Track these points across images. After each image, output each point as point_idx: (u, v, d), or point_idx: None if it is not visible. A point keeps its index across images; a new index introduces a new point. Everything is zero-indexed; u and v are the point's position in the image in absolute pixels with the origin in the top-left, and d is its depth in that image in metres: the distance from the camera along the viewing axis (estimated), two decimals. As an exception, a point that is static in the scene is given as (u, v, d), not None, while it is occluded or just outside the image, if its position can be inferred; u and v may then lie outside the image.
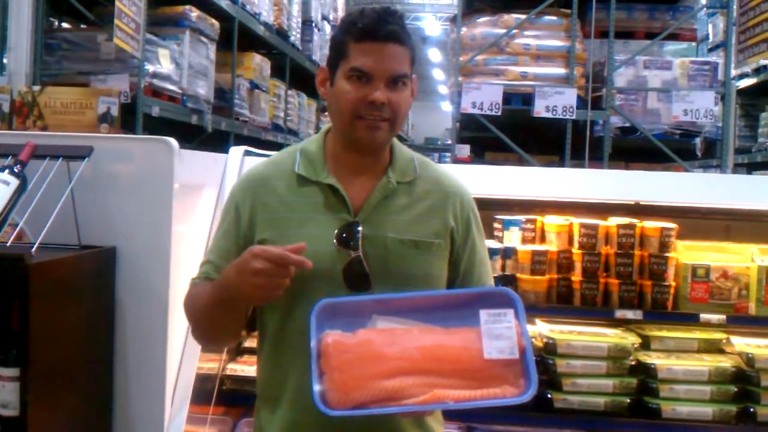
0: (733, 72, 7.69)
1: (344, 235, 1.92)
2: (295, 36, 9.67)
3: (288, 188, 1.99)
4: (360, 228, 1.93)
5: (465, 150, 7.60)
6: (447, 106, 24.93)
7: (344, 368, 1.76)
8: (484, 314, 1.80)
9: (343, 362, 1.76)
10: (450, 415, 3.10)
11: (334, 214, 1.95)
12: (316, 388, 1.74)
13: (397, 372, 1.76)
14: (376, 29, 1.90)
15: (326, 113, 11.85)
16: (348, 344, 1.79)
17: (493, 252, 3.36)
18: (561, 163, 6.98)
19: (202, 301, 1.94)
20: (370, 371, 1.76)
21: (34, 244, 2.38)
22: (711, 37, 9.35)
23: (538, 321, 3.38)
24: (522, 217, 3.50)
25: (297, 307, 1.90)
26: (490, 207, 3.52)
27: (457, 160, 7.36)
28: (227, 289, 1.82)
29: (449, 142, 10.51)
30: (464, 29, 7.28)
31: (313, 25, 10.42)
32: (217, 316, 1.93)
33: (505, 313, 1.79)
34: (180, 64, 6.40)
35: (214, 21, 7.03)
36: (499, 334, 1.77)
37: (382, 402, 1.74)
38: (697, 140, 7.35)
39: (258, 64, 8.48)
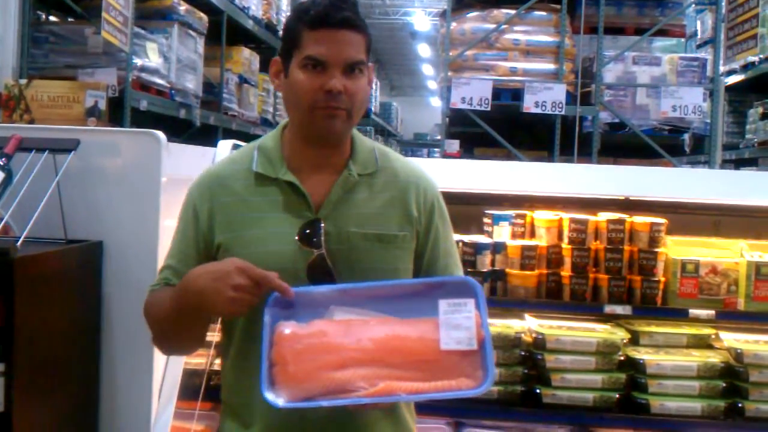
0: (722, 68, 7.72)
1: (306, 232, 1.88)
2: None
3: (246, 187, 1.94)
4: (322, 225, 1.88)
5: (454, 145, 7.59)
6: (436, 102, 24.95)
7: (296, 359, 1.72)
8: (443, 304, 1.76)
9: (295, 353, 1.73)
10: (438, 410, 3.10)
11: (295, 212, 1.90)
12: (266, 379, 1.71)
13: (350, 363, 1.72)
14: (330, 16, 1.84)
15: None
16: (301, 335, 1.75)
17: (482, 247, 3.36)
18: (550, 159, 6.98)
19: (166, 307, 1.87)
20: (322, 362, 1.72)
21: (20, 237, 2.35)
22: (700, 33, 9.36)
23: (527, 316, 3.38)
24: (512, 212, 3.49)
25: (263, 311, 1.82)
26: (479, 202, 3.52)
27: (446, 156, 7.35)
28: (196, 295, 1.75)
29: (438, 137, 10.50)
30: (454, 24, 7.27)
31: (302, 19, 10.38)
32: (183, 322, 1.85)
33: (465, 303, 1.75)
34: (168, 57, 6.37)
35: (202, 15, 7.00)
36: (458, 324, 1.74)
37: (334, 394, 1.70)
38: (686, 136, 7.37)
39: (247, 58, 8.45)
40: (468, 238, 3.40)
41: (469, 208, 3.53)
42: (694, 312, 3.23)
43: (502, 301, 3.35)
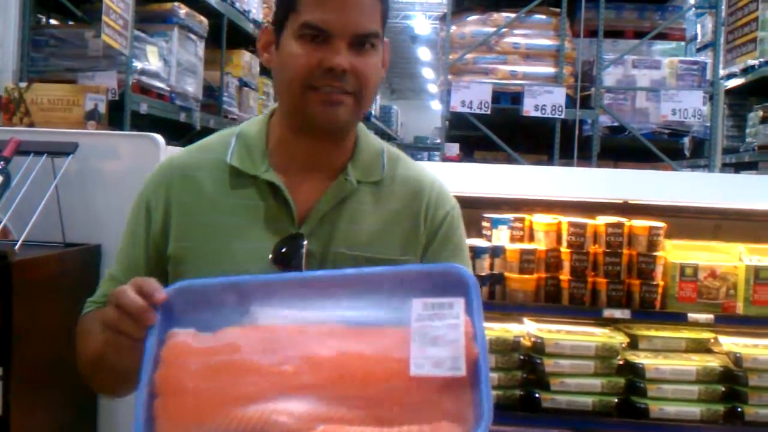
0: (722, 72, 7.70)
1: (283, 251, 1.47)
2: (284, 34, 9.64)
3: (216, 184, 1.52)
4: (305, 243, 1.48)
5: (454, 149, 7.60)
6: (436, 105, 24.95)
7: (189, 386, 1.21)
8: (417, 305, 1.24)
9: (189, 377, 1.22)
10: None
11: (273, 223, 1.49)
12: (141, 417, 1.20)
13: (271, 394, 1.20)
14: None
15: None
16: (200, 349, 1.25)
17: (481, 251, 3.36)
18: (550, 162, 6.98)
19: (94, 339, 1.45)
20: (229, 392, 1.20)
21: (18, 241, 2.35)
22: (699, 36, 9.36)
23: (526, 320, 3.38)
24: (510, 216, 3.49)
25: None
26: (478, 205, 3.52)
27: (446, 159, 7.35)
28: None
29: (438, 140, 10.50)
30: (453, 28, 7.27)
31: (303, 23, 10.40)
32: (112, 361, 1.37)
33: (451, 304, 1.23)
34: (168, 61, 6.36)
35: (202, 18, 7.00)
36: (438, 336, 1.21)
37: None
38: (686, 140, 7.36)
39: (247, 61, 8.45)
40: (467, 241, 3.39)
41: (467, 212, 3.48)
42: (693, 316, 3.22)
43: (501, 305, 3.34)
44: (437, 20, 12.47)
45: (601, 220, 3.42)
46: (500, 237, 3.47)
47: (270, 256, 1.47)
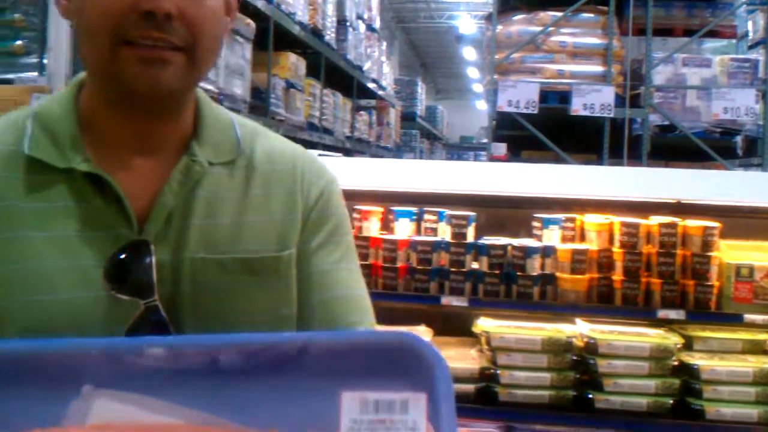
0: (774, 69, 7.58)
1: (122, 266, 1.08)
2: (330, 35, 9.69)
3: (10, 183, 1.10)
4: (152, 250, 1.10)
5: (501, 148, 7.56)
6: (482, 105, 24.88)
7: None
8: (349, 402, 0.78)
9: None
10: (488, 415, 3.09)
11: (101, 229, 1.10)
12: None
13: None
14: None
15: (361, 111, 11.86)
16: None
17: (532, 251, 3.34)
18: (599, 162, 6.93)
19: None
20: None
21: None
22: (751, 33, 9.20)
23: (578, 320, 3.35)
24: (561, 216, 3.46)
25: None
26: (528, 206, 3.50)
27: (493, 159, 7.33)
28: None
29: (485, 140, 10.47)
30: (500, 27, 7.25)
31: (348, 24, 10.43)
32: None
33: (404, 403, 0.78)
34: (217, 64, 6.44)
35: (249, 21, 7.06)
36: None
37: None
38: (738, 138, 7.26)
39: (293, 63, 8.51)
40: (517, 241, 3.38)
41: (517, 212, 3.52)
42: (749, 317, 3.17)
43: (552, 305, 3.32)
44: (482, 20, 12.44)
45: (654, 220, 3.38)
46: (551, 237, 3.45)
47: (102, 275, 1.07)
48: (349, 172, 3.05)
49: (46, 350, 0.93)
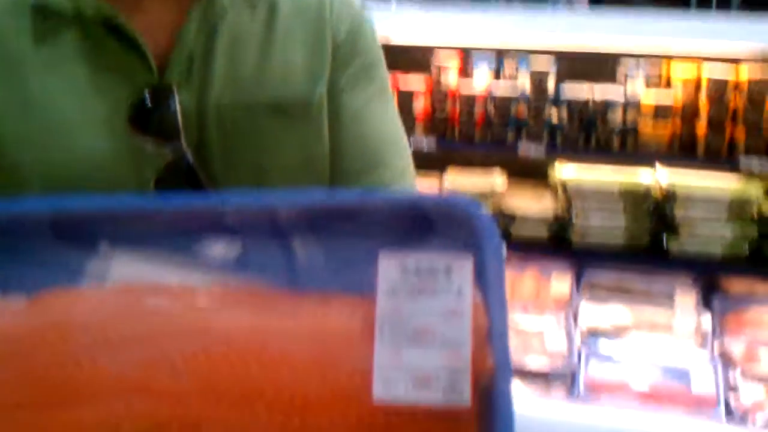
0: None
1: (146, 112, 1.00)
2: None
3: (17, 33, 1.00)
4: (176, 97, 1.00)
5: (583, -2, 7.34)
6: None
7: None
8: (387, 265, 0.71)
9: None
10: (561, 258, 3.16)
11: (119, 75, 1.01)
12: None
13: (113, 397, 0.72)
14: None
15: None
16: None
17: (614, 102, 3.32)
18: (685, 11, 6.70)
19: None
20: (43, 387, 0.73)
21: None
22: None
23: (658, 166, 3.36)
24: (646, 66, 3.42)
25: None
26: (612, 58, 3.46)
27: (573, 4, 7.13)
28: None
29: (564, -9, 10.11)
30: None
31: None
32: None
33: (448, 268, 0.71)
34: None
35: None
36: (423, 329, 0.69)
37: None
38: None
39: None
40: (599, 89, 3.37)
41: (600, 66, 3.48)
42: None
43: (633, 153, 3.33)
44: None
45: (743, 71, 3.33)
46: (635, 87, 3.42)
47: (127, 121, 0.99)
48: (426, 26, 3.05)
49: (64, 208, 0.85)
